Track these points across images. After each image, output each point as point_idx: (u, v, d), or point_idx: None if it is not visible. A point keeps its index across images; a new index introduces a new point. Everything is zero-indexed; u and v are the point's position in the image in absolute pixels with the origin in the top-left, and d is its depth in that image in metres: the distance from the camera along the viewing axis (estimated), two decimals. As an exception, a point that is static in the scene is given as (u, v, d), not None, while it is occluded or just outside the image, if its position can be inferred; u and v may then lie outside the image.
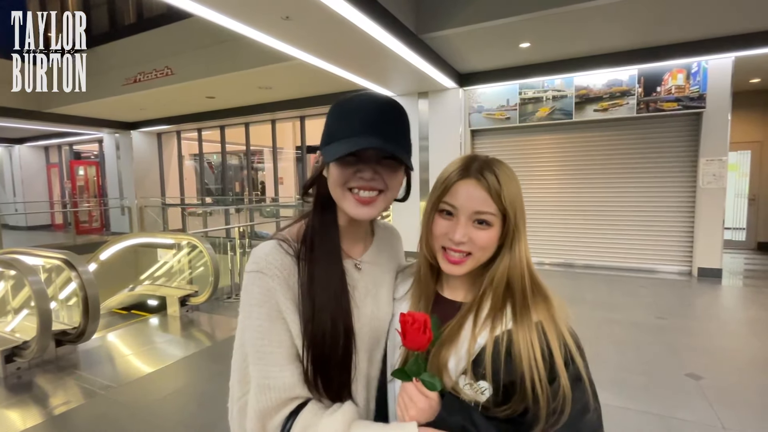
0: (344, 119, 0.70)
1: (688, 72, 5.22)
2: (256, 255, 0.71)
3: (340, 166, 0.69)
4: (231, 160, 11.19)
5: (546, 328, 0.68)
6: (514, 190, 0.72)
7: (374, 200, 0.71)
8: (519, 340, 0.66)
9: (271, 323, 0.67)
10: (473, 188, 0.71)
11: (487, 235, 0.71)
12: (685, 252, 5.59)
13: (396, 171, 0.72)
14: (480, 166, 0.72)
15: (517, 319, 0.69)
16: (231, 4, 3.34)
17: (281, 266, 0.69)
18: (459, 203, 0.71)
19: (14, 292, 3.93)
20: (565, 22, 4.33)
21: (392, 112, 0.70)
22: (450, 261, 0.72)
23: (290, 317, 0.68)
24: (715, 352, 3.19)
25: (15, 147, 13.06)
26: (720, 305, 4.46)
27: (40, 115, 8.89)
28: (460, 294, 0.78)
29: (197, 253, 5.07)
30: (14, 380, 2.94)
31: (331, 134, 0.71)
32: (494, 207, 0.70)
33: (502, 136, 6.55)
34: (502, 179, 0.71)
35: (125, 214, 10.58)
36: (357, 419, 0.66)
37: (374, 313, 0.79)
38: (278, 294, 0.68)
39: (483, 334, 0.69)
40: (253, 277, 0.69)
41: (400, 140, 0.70)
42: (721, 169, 5.16)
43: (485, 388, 0.67)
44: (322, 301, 0.69)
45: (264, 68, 5.89)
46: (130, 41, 7.71)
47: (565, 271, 6.03)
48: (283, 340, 0.68)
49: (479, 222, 0.71)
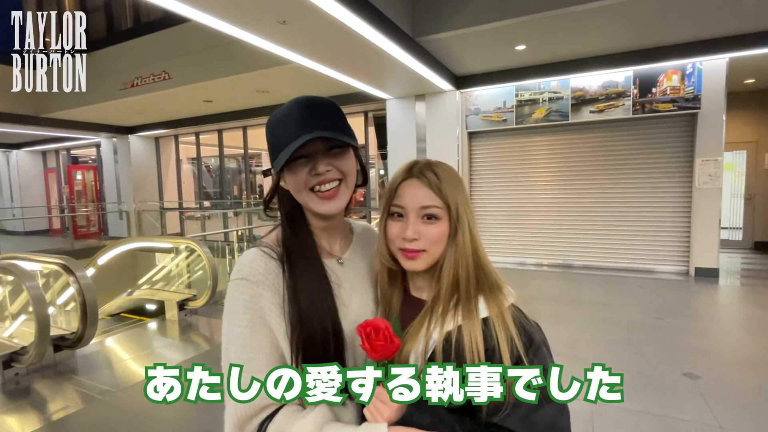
0: (279, 128, 0.72)
1: (682, 73, 5.26)
2: (240, 263, 0.73)
3: (293, 171, 0.72)
4: (229, 164, 11.18)
5: (495, 323, 0.69)
6: (454, 183, 0.76)
7: (337, 191, 0.73)
8: (465, 334, 0.69)
9: (253, 330, 0.68)
10: (416, 186, 0.75)
11: (437, 229, 0.75)
12: (682, 252, 5.61)
13: (346, 156, 0.74)
14: (420, 167, 0.77)
15: (464, 315, 0.71)
16: (228, 9, 3.35)
17: (266, 271, 0.71)
18: (405, 202, 0.75)
19: (12, 297, 3.92)
20: (560, 24, 4.36)
21: (320, 105, 0.72)
22: (407, 257, 0.75)
23: (275, 320, 0.69)
24: (712, 351, 3.21)
25: (12, 152, 13.04)
26: (717, 305, 4.48)
27: (38, 120, 8.88)
28: (425, 292, 0.81)
29: (195, 257, 5.07)
30: (12, 386, 2.93)
31: (274, 147, 0.73)
32: (438, 201, 0.74)
33: (499, 138, 6.57)
34: (441, 175, 0.75)
35: (123, 219, 10.56)
36: (329, 421, 0.67)
37: (361, 309, 0.79)
38: (263, 299, 0.69)
39: (437, 331, 0.71)
40: (236, 285, 0.70)
41: (338, 125, 0.72)
42: (716, 170, 5.19)
43: None
44: (307, 304, 0.70)
45: (261, 72, 5.91)
46: (127, 46, 7.72)
47: (563, 272, 6.05)
48: (265, 346, 0.68)
49: (428, 217, 0.75)
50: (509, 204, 6.57)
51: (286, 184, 0.75)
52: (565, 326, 3.78)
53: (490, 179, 6.71)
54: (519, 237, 6.53)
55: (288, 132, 0.69)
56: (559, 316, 4.06)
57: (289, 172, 0.72)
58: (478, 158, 6.78)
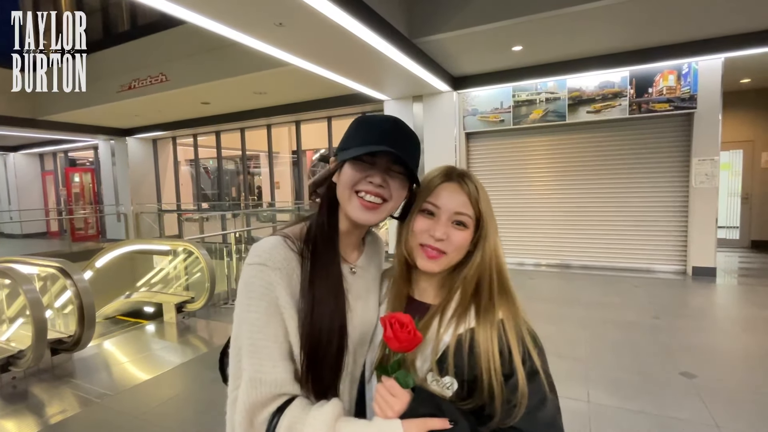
0: (363, 129, 0.75)
1: (678, 73, 5.28)
2: (259, 248, 0.71)
3: (353, 168, 0.73)
4: (227, 165, 11.17)
5: (506, 326, 0.73)
6: (487, 199, 0.80)
7: (378, 207, 0.74)
8: (480, 337, 0.71)
9: (269, 317, 0.67)
10: (455, 191, 0.78)
11: (462, 236, 0.77)
12: (680, 251, 5.63)
13: (403, 184, 0.76)
14: (460, 174, 0.81)
15: (480, 318, 0.74)
16: (224, 11, 3.35)
17: (284, 260, 0.70)
18: (442, 203, 0.78)
19: (9, 301, 3.92)
20: (557, 25, 4.38)
21: (408, 131, 0.76)
22: (428, 256, 0.77)
23: (288, 313, 0.69)
24: (709, 350, 3.22)
25: (10, 155, 13.01)
26: (714, 304, 4.49)
27: (35, 122, 8.86)
28: (429, 296, 0.83)
29: (193, 259, 5.06)
30: (10, 390, 2.93)
31: (348, 141, 0.76)
32: (471, 211, 0.78)
33: (496, 139, 6.59)
34: (480, 188, 0.79)
35: (121, 221, 10.54)
36: (343, 415, 0.68)
37: (362, 317, 0.81)
38: (279, 288, 0.68)
39: (448, 332, 0.74)
40: (255, 270, 0.69)
41: (412, 156, 0.75)
42: (713, 169, 5.21)
43: (449, 383, 0.72)
44: (322, 298, 0.71)
45: (258, 74, 5.91)
46: (125, 48, 7.71)
47: (561, 272, 6.06)
48: (279, 335, 0.68)
49: (457, 223, 0.77)
50: (507, 204, 6.58)
51: (339, 177, 0.76)
52: (563, 326, 3.78)
53: (488, 180, 6.71)
54: (517, 237, 6.54)
55: (371, 135, 0.73)
56: (557, 316, 4.07)
57: (350, 167, 0.73)
58: (475, 159, 6.79)
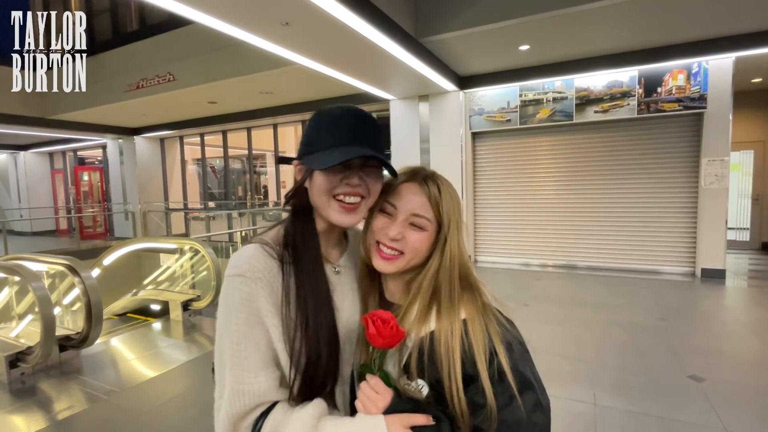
0: (328, 129, 0.72)
1: (688, 72, 5.22)
2: (237, 258, 0.70)
3: (327, 174, 0.71)
4: (233, 165, 11.23)
5: (470, 326, 0.69)
6: (452, 203, 0.76)
7: (357, 206, 0.73)
8: (440, 339, 0.69)
9: (249, 328, 0.67)
10: (415, 192, 0.76)
11: (419, 238, 0.75)
12: (688, 253, 5.56)
13: (376, 177, 0.75)
14: (425, 176, 0.78)
15: (441, 319, 0.71)
16: (231, 11, 3.37)
17: (265, 269, 0.69)
18: (399, 203, 0.76)
19: (18, 297, 3.96)
20: (564, 24, 4.34)
21: (370, 120, 0.74)
22: (381, 257, 0.75)
23: (271, 321, 0.68)
24: (717, 353, 3.18)
25: (20, 153, 13.18)
26: (723, 306, 4.43)
27: (45, 121, 8.97)
28: (397, 296, 0.81)
29: (200, 257, 5.10)
30: (18, 385, 2.96)
31: (312, 143, 0.73)
32: (431, 213, 0.75)
33: (502, 138, 6.55)
34: (443, 191, 0.76)
35: (129, 219, 10.64)
36: (326, 414, 0.67)
37: (351, 315, 0.80)
38: (260, 297, 0.67)
39: (410, 336, 0.71)
40: (233, 282, 0.68)
41: (381, 145, 0.75)
42: (723, 170, 5.15)
43: (422, 385, 0.70)
44: (314, 306, 0.70)
45: (265, 73, 5.94)
46: (132, 48, 7.78)
47: (567, 272, 6.02)
48: (261, 345, 0.67)
49: (414, 225, 0.75)
50: (513, 204, 6.55)
51: (311, 183, 0.74)
52: (569, 327, 3.76)
53: (494, 180, 6.69)
54: (523, 238, 6.51)
55: (337, 136, 0.70)
56: (563, 317, 4.04)
57: (321, 173, 0.71)
58: (481, 158, 6.76)
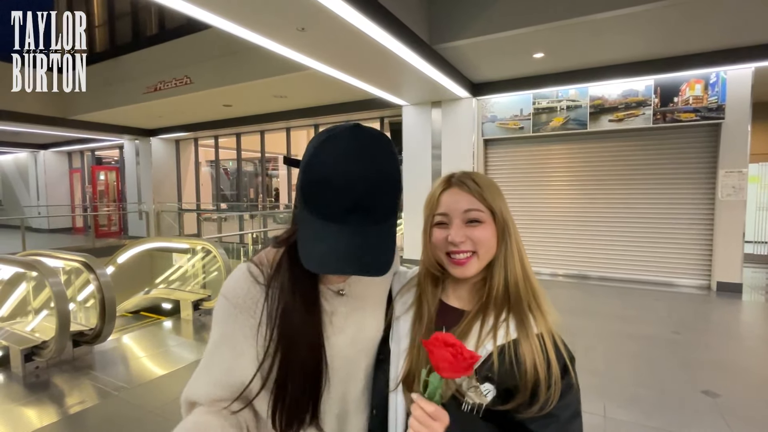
0: (324, 187, 0.61)
1: (706, 82, 5.15)
2: (228, 279, 0.73)
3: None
4: (246, 167, 11.37)
5: (546, 340, 0.72)
6: (495, 190, 0.78)
7: None
8: (524, 349, 0.70)
9: (217, 347, 0.71)
10: (456, 193, 0.77)
11: (482, 231, 0.75)
12: (704, 265, 5.45)
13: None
14: (459, 177, 0.79)
15: (520, 330, 0.73)
16: (248, 16, 3.43)
17: (246, 295, 0.70)
18: (448, 209, 0.77)
19: (35, 293, 4.05)
20: (579, 32, 4.33)
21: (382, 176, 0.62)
22: (456, 263, 0.76)
23: (244, 342, 0.69)
24: (733, 369, 3.10)
25: (40, 152, 13.51)
26: (739, 321, 4.33)
27: (64, 121, 9.21)
28: (465, 302, 0.80)
29: (211, 258, 5.15)
30: (33, 379, 3.02)
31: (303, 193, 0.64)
32: (480, 205, 0.76)
33: (515, 146, 6.52)
34: (481, 183, 0.77)
35: (143, 219, 10.81)
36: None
37: (356, 334, 0.77)
38: (238, 322, 0.69)
39: (488, 341, 0.72)
40: (219, 300, 0.72)
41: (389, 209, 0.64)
42: (740, 181, 5.05)
43: (489, 390, 0.70)
44: (289, 330, 0.68)
45: (279, 77, 6.02)
46: (151, 51, 7.96)
47: (579, 282, 5.94)
48: (222, 363, 0.70)
49: (472, 221, 0.76)
50: (525, 212, 6.50)
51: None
52: (579, 338, 3.70)
53: (506, 187, 6.64)
54: (534, 246, 6.45)
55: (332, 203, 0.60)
56: (573, 328, 3.98)
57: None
58: (493, 166, 6.73)
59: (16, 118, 8.41)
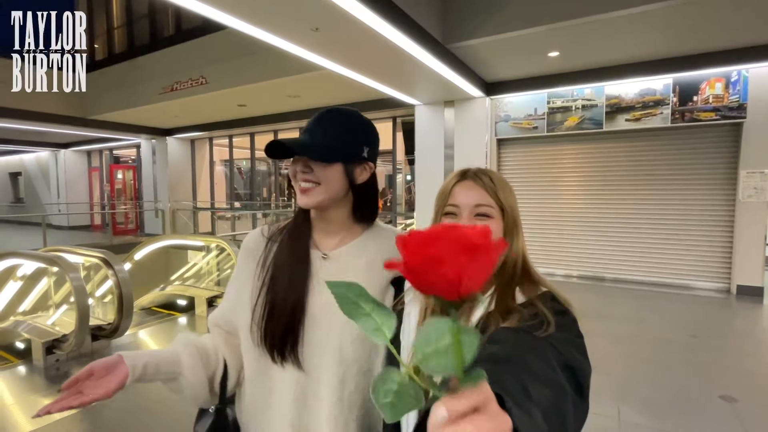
0: None
1: (727, 81, 5.03)
2: (248, 233, 0.96)
3: (291, 164, 0.86)
4: (260, 166, 11.48)
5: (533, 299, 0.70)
6: (508, 189, 0.79)
7: (310, 190, 0.82)
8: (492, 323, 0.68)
9: (231, 282, 0.93)
10: (470, 187, 0.78)
11: (490, 226, 0.74)
12: (723, 268, 5.33)
13: (327, 166, 0.82)
14: (474, 171, 0.80)
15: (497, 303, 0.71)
16: (262, 16, 3.47)
17: (253, 242, 0.92)
18: (460, 201, 0.77)
19: (56, 287, 4.16)
20: (595, 30, 4.27)
21: (328, 116, 0.85)
22: None
23: (246, 281, 0.88)
24: (751, 374, 3.03)
25: (61, 151, 13.86)
26: (759, 325, 4.22)
27: (84, 121, 9.43)
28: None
29: (225, 255, 5.23)
30: (53, 371, 3.11)
31: None
32: (492, 201, 0.76)
33: (529, 146, 6.46)
34: (495, 180, 0.78)
35: (158, 217, 11.00)
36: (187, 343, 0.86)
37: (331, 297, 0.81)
38: (244, 263, 0.90)
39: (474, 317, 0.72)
40: (241, 247, 0.95)
41: (328, 139, 0.82)
42: (763, 182, 4.92)
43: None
44: (278, 272, 0.84)
45: (293, 77, 6.06)
46: (168, 52, 8.10)
47: (593, 284, 5.86)
48: (231, 294, 0.92)
49: (480, 215, 0.76)
50: (539, 213, 6.43)
51: None
52: (594, 340, 3.63)
53: (520, 187, 6.58)
54: (548, 247, 6.38)
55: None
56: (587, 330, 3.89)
57: (290, 163, 0.87)
58: (507, 166, 6.68)
59: (40, 118, 8.65)
